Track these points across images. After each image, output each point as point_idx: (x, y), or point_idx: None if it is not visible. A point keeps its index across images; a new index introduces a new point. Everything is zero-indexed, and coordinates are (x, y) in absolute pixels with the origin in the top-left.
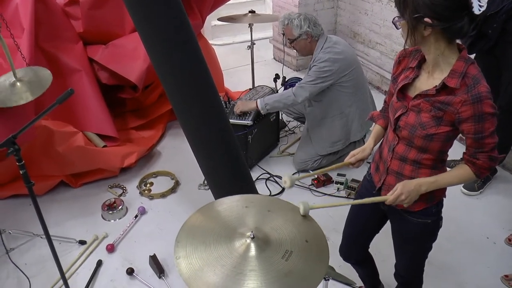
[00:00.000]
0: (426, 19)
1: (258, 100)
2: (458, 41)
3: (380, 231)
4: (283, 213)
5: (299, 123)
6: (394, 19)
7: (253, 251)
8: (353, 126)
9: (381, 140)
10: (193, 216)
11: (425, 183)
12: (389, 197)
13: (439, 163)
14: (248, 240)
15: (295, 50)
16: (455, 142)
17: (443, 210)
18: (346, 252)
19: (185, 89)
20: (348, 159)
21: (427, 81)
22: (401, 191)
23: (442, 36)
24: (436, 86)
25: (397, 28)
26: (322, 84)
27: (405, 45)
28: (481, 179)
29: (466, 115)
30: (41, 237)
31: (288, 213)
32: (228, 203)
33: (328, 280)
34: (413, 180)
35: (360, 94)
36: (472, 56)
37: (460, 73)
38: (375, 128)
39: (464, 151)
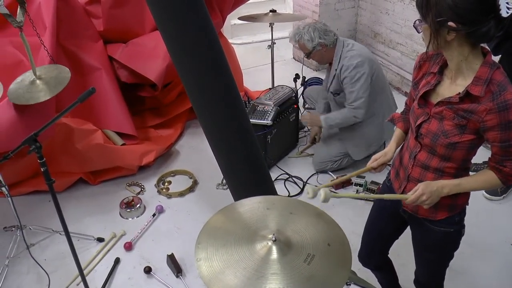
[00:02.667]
0: (450, 23)
1: (323, 120)
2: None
3: (401, 235)
4: (305, 215)
5: None
6: (415, 22)
7: (274, 254)
8: (385, 132)
9: (401, 144)
10: (214, 217)
11: (448, 185)
12: (409, 196)
13: (463, 171)
14: (270, 243)
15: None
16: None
17: None
18: (365, 258)
19: (206, 87)
20: (370, 163)
21: (450, 88)
22: (423, 191)
23: (466, 41)
24: (459, 93)
25: (418, 32)
26: (368, 90)
27: (427, 49)
28: (507, 185)
29: (491, 123)
30: (60, 234)
31: (311, 216)
32: (249, 204)
33: (350, 285)
34: (436, 181)
35: (386, 95)
36: (498, 57)
37: (484, 80)
38: (396, 132)
39: (490, 157)
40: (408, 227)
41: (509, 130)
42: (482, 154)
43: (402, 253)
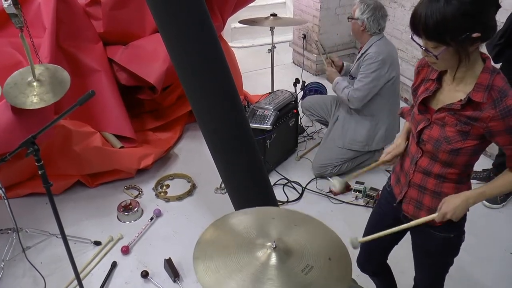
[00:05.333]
0: (475, 35)
1: (334, 82)
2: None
3: (399, 243)
4: (310, 229)
5: (317, 128)
6: (430, 52)
7: (273, 260)
8: (379, 133)
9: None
10: (216, 222)
11: (472, 196)
12: (436, 217)
13: (465, 177)
14: (270, 250)
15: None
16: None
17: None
18: (364, 263)
19: (206, 91)
20: (383, 157)
21: (450, 94)
22: (445, 211)
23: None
24: (461, 100)
25: (437, 58)
26: (372, 89)
27: (456, 73)
28: None
29: (496, 129)
30: (57, 237)
31: (316, 230)
32: (254, 213)
33: None
34: (459, 194)
35: (392, 105)
36: (498, 65)
37: (485, 86)
38: (406, 124)
39: (506, 160)
40: (408, 234)
41: None
42: (481, 162)
43: (401, 260)
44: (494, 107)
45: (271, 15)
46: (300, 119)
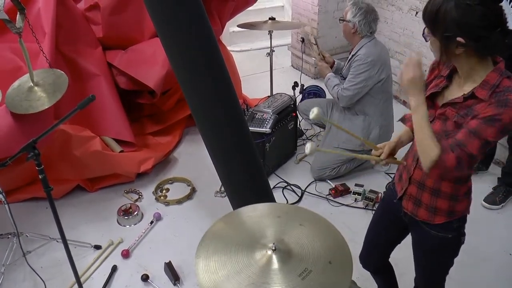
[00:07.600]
0: (459, 39)
1: (326, 78)
2: None
3: (399, 245)
4: (315, 229)
5: (316, 131)
6: (424, 32)
7: (271, 263)
8: (373, 132)
9: (404, 142)
10: (221, 219)
11: (420, 104)
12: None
13: (463, 178)
14: (270, 252)
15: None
16: (498, 147)
17: None
18: (365, 258)
19: (206, 94)
20: (375, 152)
21: (457, 93)
22: (405, 79)
23: (474, 54)
24: (464, 94)
25: (426, 41)
26: (362, 89)
27: (436, 60)
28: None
29: (480, 111)
30: (57, 241)
31: (321, 230)
32: (260, 209)
33: None
34: (421, 95)
35: (384, 105)
36: None
37: (492, 84)
38: (404, 129)
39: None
40: (409, 235)
41: (490, 125)
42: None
43: (401, 262)
44: (495, 97)
45: (270, 19)
46: (299, 122)
